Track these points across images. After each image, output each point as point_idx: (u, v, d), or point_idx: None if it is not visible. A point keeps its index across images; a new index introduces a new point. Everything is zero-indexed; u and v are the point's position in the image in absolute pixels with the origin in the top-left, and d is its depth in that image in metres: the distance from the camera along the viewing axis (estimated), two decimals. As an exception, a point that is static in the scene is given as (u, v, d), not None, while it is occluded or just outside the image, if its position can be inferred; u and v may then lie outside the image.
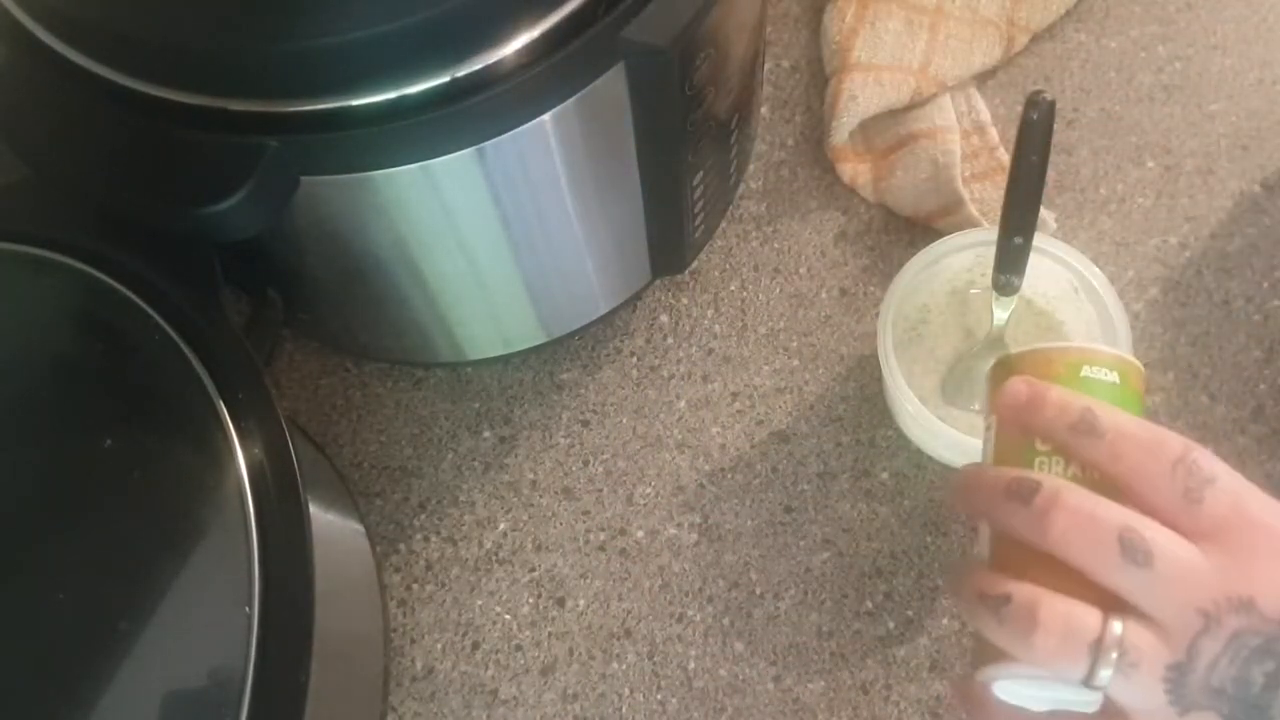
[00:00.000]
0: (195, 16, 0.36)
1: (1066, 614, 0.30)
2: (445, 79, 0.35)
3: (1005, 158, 0.59)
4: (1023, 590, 0.31)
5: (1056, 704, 0.34)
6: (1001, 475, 0.34)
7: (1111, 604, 0.31)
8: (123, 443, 0.38)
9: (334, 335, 0.56)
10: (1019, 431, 0.36)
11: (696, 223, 0.52)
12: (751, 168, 0.61)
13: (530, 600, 0.52)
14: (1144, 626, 0.30)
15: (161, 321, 0.40)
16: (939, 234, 0.53)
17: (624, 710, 0.49)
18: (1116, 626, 0.30)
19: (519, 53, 0.36)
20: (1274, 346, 0.55)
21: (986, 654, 0.34)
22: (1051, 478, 0.33)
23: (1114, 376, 0.36)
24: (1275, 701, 0.29)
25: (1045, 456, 0.35)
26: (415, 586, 0.53)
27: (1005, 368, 0.38)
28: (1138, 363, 0.37)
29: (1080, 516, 0.31)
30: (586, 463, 0.55)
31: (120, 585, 0.36)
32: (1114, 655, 0.30)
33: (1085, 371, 0.36)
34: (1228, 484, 0.31)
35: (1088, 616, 0.30)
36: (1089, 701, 0.32)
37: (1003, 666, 0.33)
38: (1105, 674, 0.30)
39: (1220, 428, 0.53)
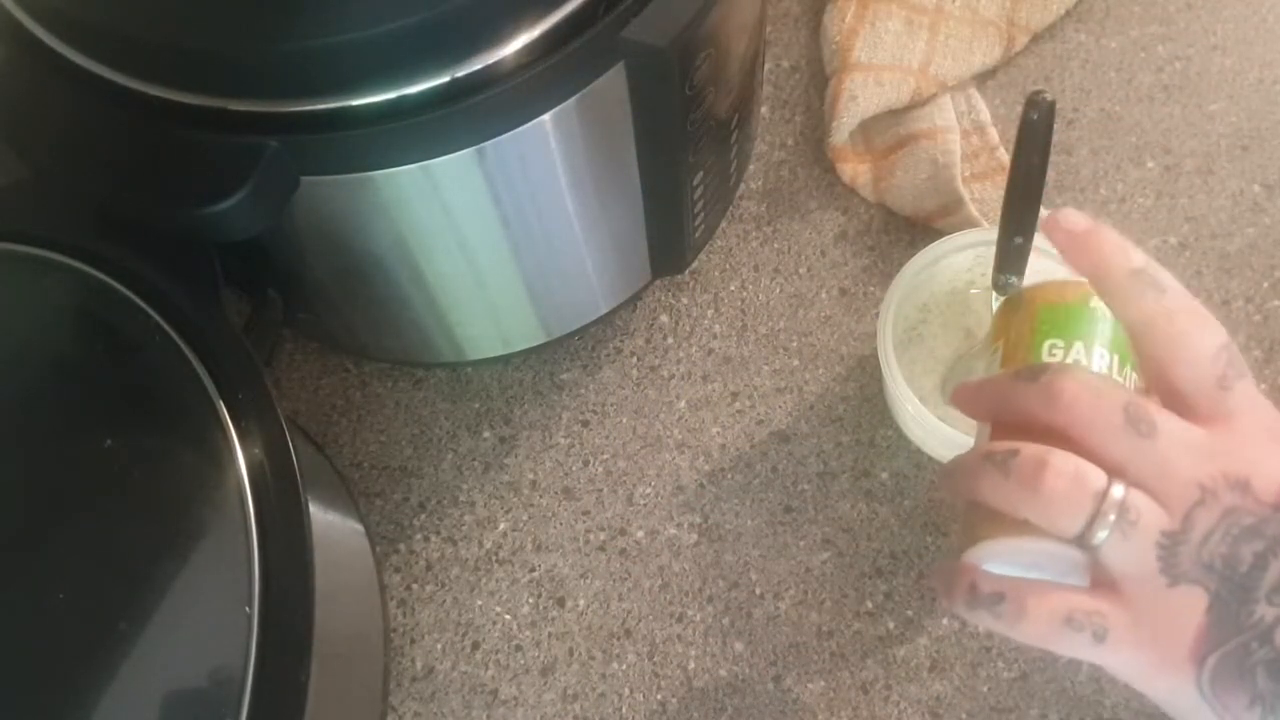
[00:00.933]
0: (195, 16, 0.36)
1: (1075, 463, 0.31)
2: (445, 79, 0.35)
3: (1005, 158, 0.59)
4: (1032, 445, 0.32)
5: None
6: (1009, 371, 0.35)
7: (1114, 476, 0.31)
8: (123, 443, 0.38)
9: (334, 335, 0.56)
10: (1025, 335, 0.38)
11: (696, 223, 0.52)
12: (751, 168, 0.61)
13: (530, 600, 0.52)
14: (1143, 494, 0.31)
15: (161, 321, 0.40)
16: (939, 234, 0.53)
17: (624, 710, 0.49)
18: (1118, 488, 0.30)
19: (519, 53, 0.36)
20: (1274, 346, 0.55)
21: (977, 535, 0.34)
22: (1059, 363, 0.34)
23: None
24: (1261, 583, 0.30)
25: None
26: (415, 586, 0.53)
27: (1019, 298, 0.41)
28: None
29: (1088, 388, 0.32)
30: (586, 463, 0.55)
31: (120, 585, 0.36)
32: (1113, 515, 0.30)
33: (1094, 303, 0.39)
34: (1252, 384, 0.32)
35: (1094, 471, 0.31)
36: (1077, 578, 0.33)
37: (997, 542, 0.33)
38: (1103, 533, 0.30)
39: (1220, 428, 0.53)
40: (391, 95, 0.35)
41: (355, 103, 0.35)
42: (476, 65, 0.35)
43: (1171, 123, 0.61)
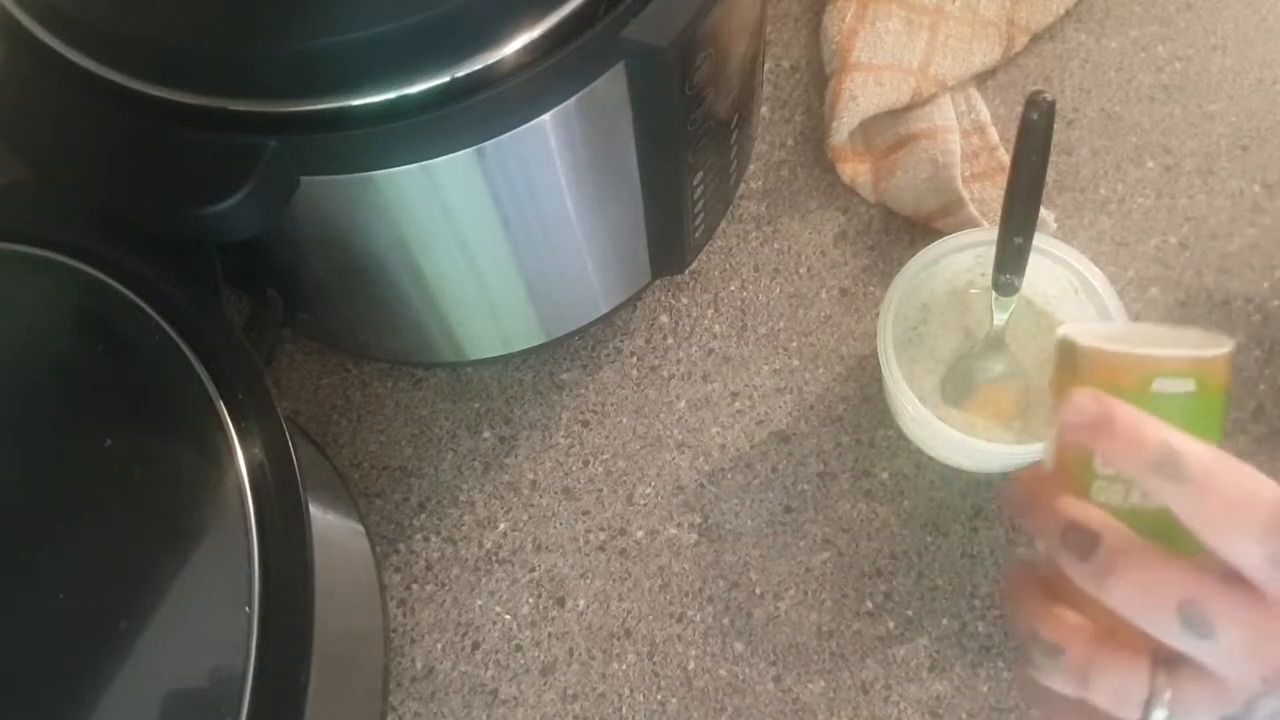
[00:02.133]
0: (196, 16, 0.36)
1: (1118, 679, 0.30)
2: (445, 79, 0.35)
3: (1005, 158, 0.59)
4: (1075, 646, 0.31)
5: None
6: (1059, 512, 0.32)
7: (1165, 660, 0.30)
8: (123, 443, 0.38)
9: (334, 335, 0.56)
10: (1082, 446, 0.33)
11: (696, 223, 0.52)
12: (751, 168, 0.61)
13: (530, 600, 0.52)
14: (1200, 681, 0.30)
15: (161, 321, 0.40)
16: (939, 234, 0.53)
17: (624, 710, 0.49)
18: (1165, 695, 0.30)
19: (519, 53, 0.36)
20: (1274, 346, 0.54)
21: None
22: (1112, 531, 0.31)
23: (1189, 385, 0.32)
24: None
25: (1105, 481, 0.33)
26: (415, 586, 0.53)
27: (1070, 357, 0.34)
28: (1219, 351, 0.32)
29: (1138, 587, 0.30)
30: (586, 463, 0.55)
31: (120, 585, 0.36)
32: (1163, 712, 0.30)
33: (1156, 386, 0.32)
34: None
35: (1138, 681, 0.30)
36: None
37: None
38: (1159, 716, 0.30)
39: (1220, 428, 0.53)
40: (391, 95, 0.35)
41: (355, 103, 0.35)
42: (476, 65, 0.35)
43: (1171, 123, 0.61)
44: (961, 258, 0.52)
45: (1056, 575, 0.32)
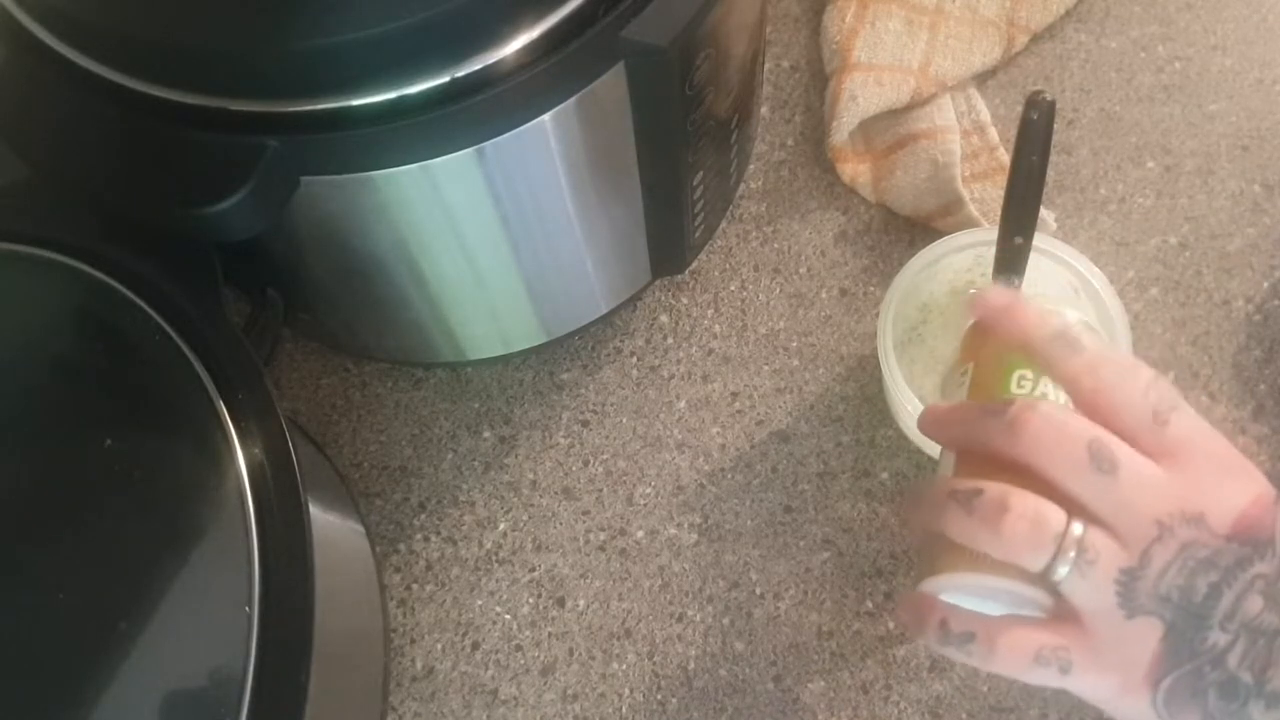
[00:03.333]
0: (196, 16, 0.36)
1: (1036, 505, 0.32)
2: (445, 79, 0.35)
3: (1005, 158, 0.59)
4: (995, 485, 0.33)
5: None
6: (979, 404, 0.36)
7: (1074, 512, 0.32)
8: (123, 443, 0.38)
9: (334, 335, 0.56)
10: (994, 364, 0.39)
11: (696, 223, 0.52)
12: (751, 168, 0.61)
13: (530, 600, 0.52)
14: (1102, 532, 0.32)
15: (161, 321, 0.40)
16: (939, 234, 0.53)
17: (624, 710, 0.49)
18: (1077, 526, 0.32)
19: (519, 53, 0.36)
20: (1274, 346, 0.54)
21: (936, 566, 0.35)
22: (1025, 398, 0.35)
23: None
24: (1215, 611, 0.31)
25: (1018, 384, 0.38)
26: (415, 586, 0.53)
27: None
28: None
29: (1052, 424, 0.32)
30: (586, 463, 0.55)
31: (120, 585, 0.36)
32: (1073, 552, 0.31)
33: None
34: (1189, 413, 0.33)
35: (1054, 512, 0.32)
36: (1032, 610, 0.34)
37: (958, 575, 0.35)
38: (1063, 569, 0.32)
39: (1220, 428, 0.52)
40: (391, 95, 0.35)
41: (355, 103, 0.35)
42: (476, 65, 0.35)
43: (1171, 123, 0.61)
44: (961, 258, 0.52)
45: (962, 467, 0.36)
